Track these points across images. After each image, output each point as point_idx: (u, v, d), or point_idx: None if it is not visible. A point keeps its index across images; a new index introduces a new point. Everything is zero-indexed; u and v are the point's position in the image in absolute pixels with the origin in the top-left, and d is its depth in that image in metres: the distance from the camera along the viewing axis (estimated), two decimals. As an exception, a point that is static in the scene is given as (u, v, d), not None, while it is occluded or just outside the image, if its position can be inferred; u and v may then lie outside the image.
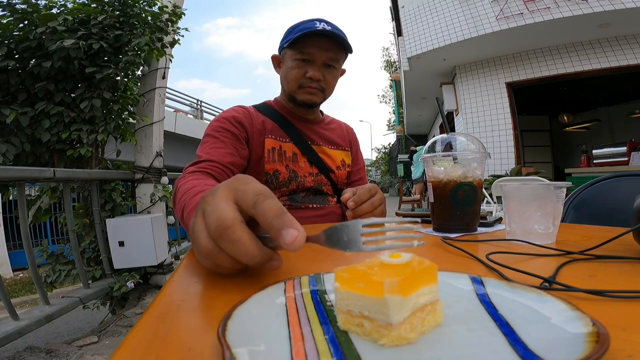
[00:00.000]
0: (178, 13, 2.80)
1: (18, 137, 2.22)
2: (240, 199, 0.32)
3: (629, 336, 0.21)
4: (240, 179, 0.35)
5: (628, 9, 4.49)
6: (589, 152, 5.24)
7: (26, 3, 2.22)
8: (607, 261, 0.40)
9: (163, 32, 2.69)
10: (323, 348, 0.20)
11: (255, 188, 0.32)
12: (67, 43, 2.15)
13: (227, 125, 0.91)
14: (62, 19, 2.26)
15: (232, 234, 0.30)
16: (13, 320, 1.65)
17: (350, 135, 1.15)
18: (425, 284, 0.23)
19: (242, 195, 0.32)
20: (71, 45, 2.16)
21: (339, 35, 0.89)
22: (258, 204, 0.31)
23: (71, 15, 2.35)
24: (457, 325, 0.23)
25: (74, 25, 2.34)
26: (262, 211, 0.30)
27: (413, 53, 6.42)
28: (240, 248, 0.30)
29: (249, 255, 0.30)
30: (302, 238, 0.28)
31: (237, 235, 0.30)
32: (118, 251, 2.36)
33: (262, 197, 0.31)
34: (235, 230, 0.30)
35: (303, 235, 0.29)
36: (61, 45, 2.15)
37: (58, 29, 2.21)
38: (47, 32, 2.21)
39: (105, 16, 2.39)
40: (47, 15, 2.24)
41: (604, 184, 1.02)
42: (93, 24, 2.36)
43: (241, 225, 0.31)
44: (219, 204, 0.32)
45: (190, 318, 0.27)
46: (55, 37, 2.20)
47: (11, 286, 5.71)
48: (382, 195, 0.81)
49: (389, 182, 18.95)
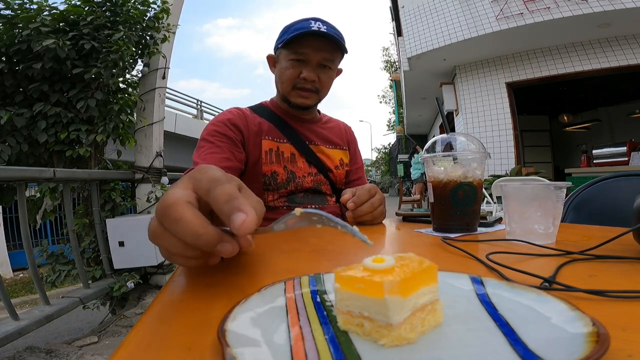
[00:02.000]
0: (166, 9, 2.78)
1: (15, 137, 2.22)
2: (197, 188, 0.31)
3: (629, 336, 0.21)
4: (200, 169, 0.33)
5: (628, 9, 4.50)
6: (589, 152, 5.24)
7: (9, 8, 2.22)
8: (607, 261, 0.40)
9: (153, 29, 2.68)
10: (323, 348, 0.20)
11: (212, 175, 0.31)
12: (47, 42, 2.15)
13: (222, 129, 0.91)
14: (40, 20, 2.25)
15: (174, 212, 0.28)
16: (13, 320, 1.66)
17: (348, 134, 1.15)
18: (425, 284, 0.23)
19: (198, 184, 0.31)
20: (52, 44, 2.15)
21: (333, 35, 0.89)
22: (211, 191, 0.30)
23: (61, 16, 2.35)
24: (457, 325, 0.23)
25: (60, 25, 2.34)
26: (214, 198, 0.29)
27: (413, 53, 6.43)
28: (182, 225, 0.28)
29: (193, 234, 0.28)
30: (251, 221, 0.27)
31: (179, 213, 0.28)
32: (118, 251, 2.36)
33: (215, 183, 0.30)
34: (177, 208, 0.28)
35: (252, 219, 0.27)
36: (42, 45, 2.15)
37: (42, 29, 2.21)
38: (32, 33, 2.21)
39: (95, 16, 2.38)
40: (26, 17, 2.25)
41: (604, 184, 1.02)
42: (83, 25, 2.36)
43: (185, 204, 0.29)
44: (172, 191, 0.31)
45: (190, 318, 0.27)
46: (40, 37, 2.20)
47: (11, 286, 5.71)
48: (382, 196, 0.81)
49: (388, 182, 18.96)
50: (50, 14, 2.35)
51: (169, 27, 2.83)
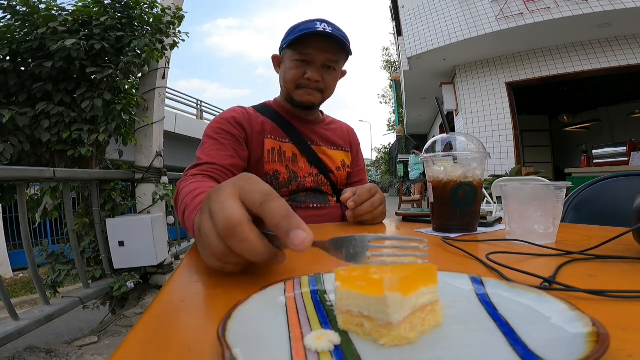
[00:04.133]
0: (179, 16, 2.81)
1: (17, 137, 2.23)
2: (246, 198, 0.32)
3: (629, 336, 0.21)
4: (246, 178, 0.35)
5: (628, 9, 4.50)
6: (589, 152, 5.25)
7: (26, 5, 2.23)
8: (607, 261, 0.40)
9: (164, 34, 2.70)
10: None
11: (262, 188, 0.33)
12: (69, 43, 2.16)
13: (226, 126, 0.91)
14: (62, 20, 2.28)
15: (241, 233, 0.30)
16: (13, 320, 1.65)
17: (350, 136, 1.15)
18: (425, 285, 0.23)
19: (249, 195, 0.32)
20: (72, 45, 2.17)
21: (338, 36, 0.89)
22: (265, 205, 0.31)
23: (73, 16, 2.36)
24: (457, 325, 0.23)
25: (75, 26, 2.35)
26: (269, 212, 0.30)
27: (413, 53, 6.43)
28: (248, 246, 0.31)
29: (257, 254, 0.31)
30: (310, 240, 0.29)
31: (246, 234, 0.30)
32: (118, 251, 2.36)
33: (269, 197, 0.32)
34: (244, 229, 0.30)
35: (311, 238, 0.29)
36: (62, 45, 2.16)
37: (59, 29, 2.22)
38: (48, 32, 2.22)
39: (107, 17, 2.40)
40: (48, 16, 2.26)
41: (604, 184, 1.02)
42: (95, 25, 2.38)
43: (249, 224, 0.31)
44: (226, 202, 0.32)
45: (190, 318, 0.27)
46: (56, 37, 2.21)
47: (11, 286, 5.71)
48: (382, 196, 0.81)
49: (389, 182, 18.96)
50: (71, 13, 2.37)
51: (179, 33, 2.87)
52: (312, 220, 0.94)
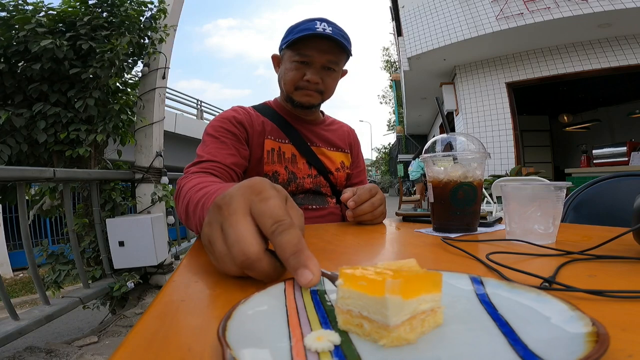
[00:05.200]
0: (163, 9, 2.78)
1: (15, 138, 2.22)
2: (258, 219, 0.32)
3: (629, 336, 0.21)
4: (255, 190, 0.34)
5: (628, 9, 4.50)
6: (589, 152, 5.24)
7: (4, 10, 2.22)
8: (607, 261, 0.40)
9: (151, 29, 2.68)
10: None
11: (273, 212, 0.32)
12: (45, 43, 2.15)
13: (227, 125, 0.90)
14: (36, 21, 2.25)
15: (259, 268, 0.31)
16: (13, 320, 1.65)
17: (351, 137, 1.14)
18: (428, 291, 0.23)
19: (261, 217, 0.32)
20: (49, 44, 2.15)
21: (338, 37, 0.88)
22: (276, 235, 0.31)
23: (57, 17, 2.35)
24: (457, 325, 0.23)
25: (57, 26, 2.34)
26: (280, 244, 0.30)
27: (413, 53, 6.43)
28: (264, 276, 0.32)
29: (271, 279, 0.32)
30: (316, 281, 0.29)
31: (264, 268, 0.31)
32: (118, 251, 2.36)
33: (280, 226, 0.31)
34: (262, 264, 0.31)
35: (317, 279, 0.29)
36: (39, 46, 2.15)
37: (38, 30, 2.21)
38: (29, 34, 2.21)
39: (92, 17, 2.38)
40: (22, 18, 2.25)
41: (604, 184, 1.02)
42: (80, 25, 2.36)
43: (266, 257, 0.31)
44: (239, 228, 0.32)
45: (190, 318, 0.27)
46: (38, 38, 2.20)
47: (11, 286, 5.71)
48: (382, 196, 0.80)
49: (389, 182, 18.97)
50: (47, 14, 2.35)
51: (165, 28, 2.82)
52: (310, 222, 0.93)
